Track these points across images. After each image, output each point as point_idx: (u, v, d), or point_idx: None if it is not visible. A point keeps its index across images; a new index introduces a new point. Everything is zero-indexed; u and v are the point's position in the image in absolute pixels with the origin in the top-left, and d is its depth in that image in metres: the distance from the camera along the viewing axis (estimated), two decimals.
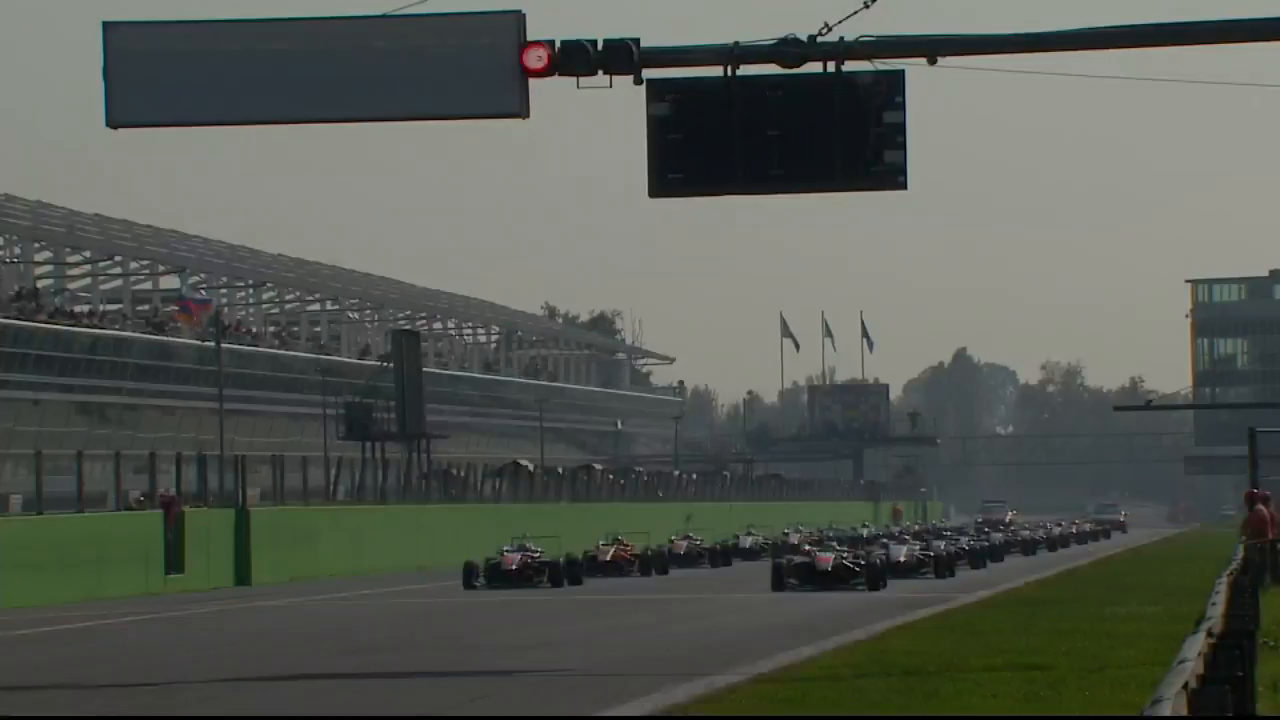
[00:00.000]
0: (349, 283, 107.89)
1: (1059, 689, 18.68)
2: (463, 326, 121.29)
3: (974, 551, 57.72)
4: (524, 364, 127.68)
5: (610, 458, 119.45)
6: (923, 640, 25.89)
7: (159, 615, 36.15)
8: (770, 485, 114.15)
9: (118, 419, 73.83)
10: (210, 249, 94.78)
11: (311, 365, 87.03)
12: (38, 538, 45.19)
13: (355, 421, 74.43)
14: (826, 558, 44.02)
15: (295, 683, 22.30)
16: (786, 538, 70.87)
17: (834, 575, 42.93)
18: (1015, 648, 23.97)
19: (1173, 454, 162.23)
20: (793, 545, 62.24)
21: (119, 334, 75.53)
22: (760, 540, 69.55)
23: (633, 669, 23.24)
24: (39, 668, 25.58)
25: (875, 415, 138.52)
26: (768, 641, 27.07)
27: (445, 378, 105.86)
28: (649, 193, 21.56)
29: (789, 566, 44.33)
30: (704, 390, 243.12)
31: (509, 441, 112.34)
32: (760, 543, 69.20)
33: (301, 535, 57.02)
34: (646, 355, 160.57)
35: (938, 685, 19.25)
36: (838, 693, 18.77)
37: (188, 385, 77.62)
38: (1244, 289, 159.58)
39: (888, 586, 42.69)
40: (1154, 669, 19.40)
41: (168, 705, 19.60)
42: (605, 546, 54.24)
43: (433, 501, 68.77)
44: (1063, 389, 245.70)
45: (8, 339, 67.32)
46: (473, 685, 21.42)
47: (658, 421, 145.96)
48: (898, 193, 21.34)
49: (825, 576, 42.79)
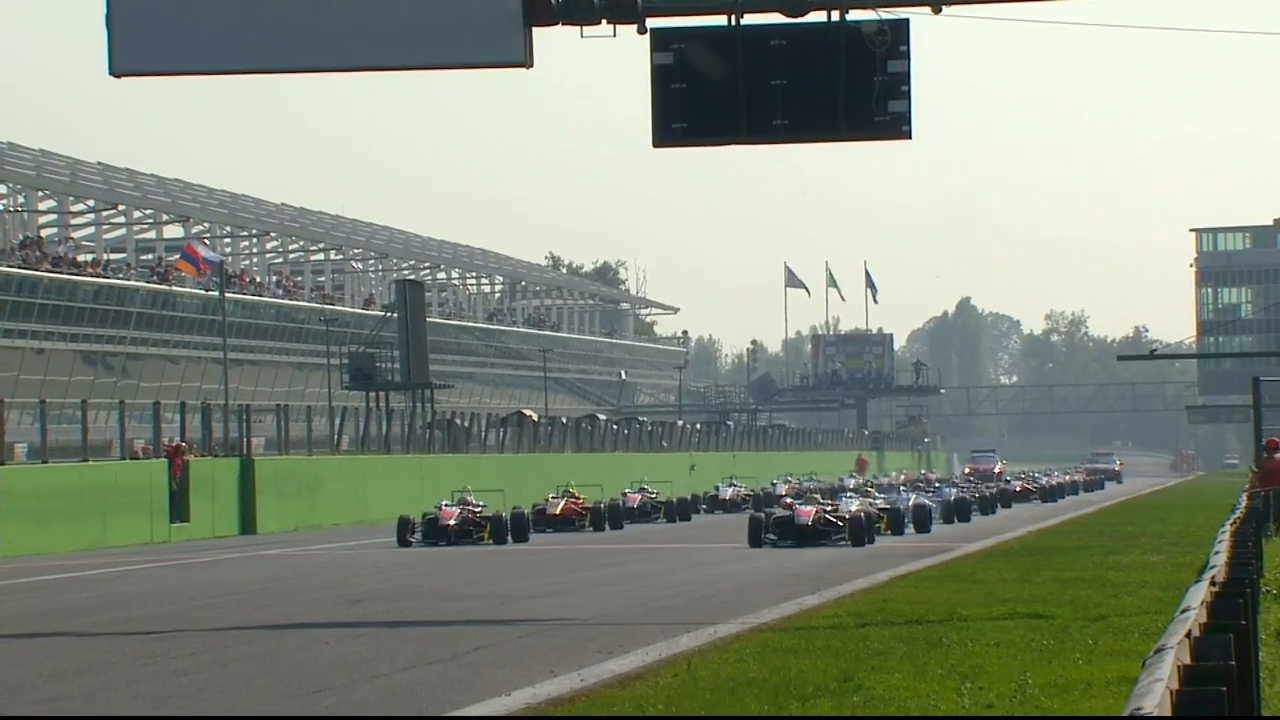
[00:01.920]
0: (353, 232, 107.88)
1: (1062, 638, 18.76)
2: (466, 277, 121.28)
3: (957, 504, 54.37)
4: (528, 314, 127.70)
5: (614, 407, 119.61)
6: (925, 589, 25.98)
7: (164, 563, 36.28)
8: (774, 435, 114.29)
9: (122, 368, 73.94)
10: (214, 198, 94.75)
11: (315, 315, 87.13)
12: (43, 486, 45.33)
13: (359, 371, 74.56)
14: (807, 511, 40.52)
15: (298, 631, 22.39)
16: (773, 488, 68.40)
17: (814, 530, 39.79)
18: (1018, 596, 24.06)
19: (1176, 403, 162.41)
20: (779, 497, 58.15)
21: (123, 283, 75.58)
22: (742, 491, 67.46)
23: (638, 618, 23.32)
24: (43, 615, 25.69)
25: (879, 365, 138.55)
26: (773, 591, 27.17)
27: (449, 328, 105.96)
28: (653, 143, 21.56)
29: (767, 520, 40.94)
30: (708, 340, 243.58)
31: (513, 391, 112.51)
32: (742, 494, 67.02)
33: (306, 484, 57.19)
34: (650, 305, 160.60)
35: (941, 634, 19.33)
36: (841, 641, 18.85)
37: (192, 335, 77.71)
38: (1248, 238, 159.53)
39: (874, 541, 40.18)
40: (1157, 618, 19.50)
41: (172, 651, 19.70)
42: (555, 499, 51.19)
43: (436, 451, 68.92)
44: (1067, 338, 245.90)
45: (12, 288, 67.38)
46: (476, 635, 21.50)
47: (661, 371, 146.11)
48: (902, 142, 21.33)
49: (804, 531, 39.69)
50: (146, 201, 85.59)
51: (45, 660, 19.58)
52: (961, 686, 15.00)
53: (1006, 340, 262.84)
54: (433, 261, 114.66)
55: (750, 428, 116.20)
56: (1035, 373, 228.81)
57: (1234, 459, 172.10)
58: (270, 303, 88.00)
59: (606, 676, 16.69)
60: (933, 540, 42.38)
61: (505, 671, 17.43)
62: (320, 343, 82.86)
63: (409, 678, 17.22)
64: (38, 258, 70.68)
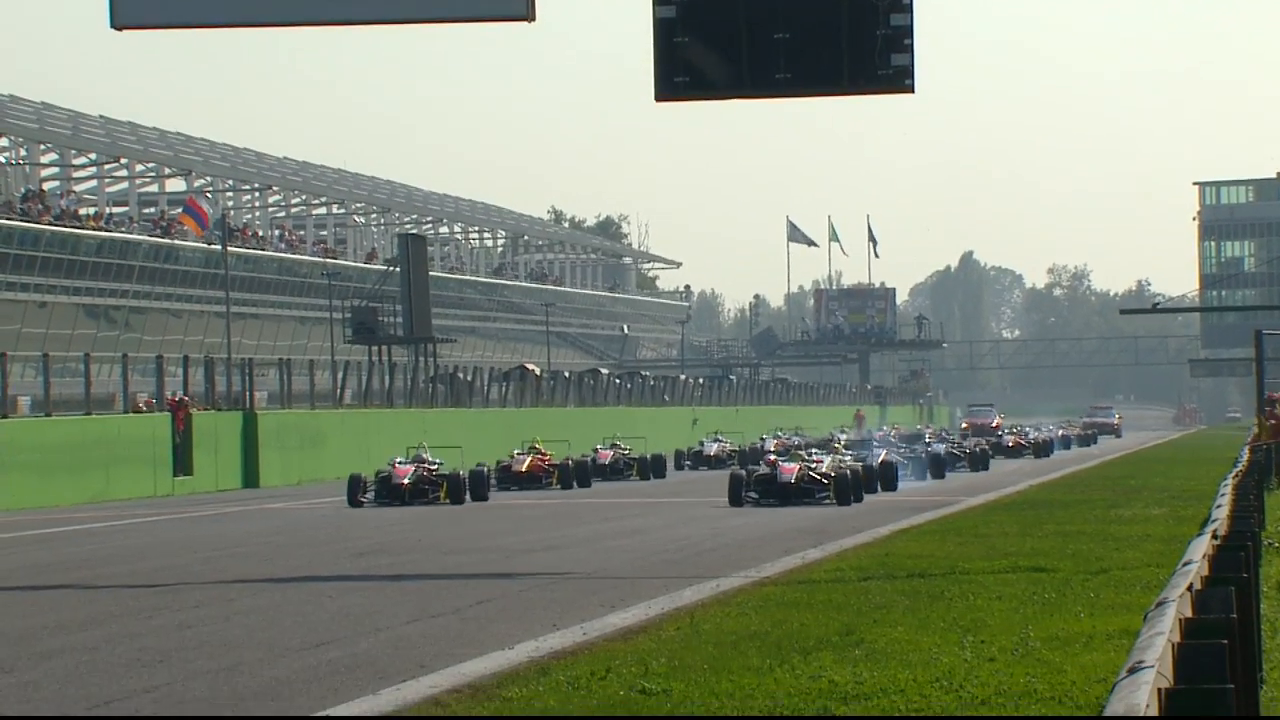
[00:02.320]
0: (355, 187, 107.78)
1: (1063, 591, 18.82)
2: (469, 231, 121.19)
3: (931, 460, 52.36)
4: (530, 268, 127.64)
5: (616, 362, 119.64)
6: (927, 543, 26.05)
7: (167, 517, 36.36)
8: (776, 389, 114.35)
9: (124, 322, 73.97)
10: (216, 152, 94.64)
11: (318, 269, 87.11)
12: (46, 439, 45.41)
13: (362, 325, 74.60)
14: (791, 468, 38.37)
15: (302, 584, 22.46)
16: (762, 444, 64.55)
17: (797, 488, 37.78)
18: (1020, 550, 24.12)
19: (1179, 357, 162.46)
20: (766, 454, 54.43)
21: (125, 236, 75.54)
22: (728, 447, 64.56)
23: (639, 572, 23.39)
24: (47, 568, 25.77)
25: (881, 319, 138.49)
26: (775, 545, 27.24)
27: (452, 282, 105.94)
28: (655, 96, 21.52)
29: (749, 477, 38.83)
30: (710, 294, 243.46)
31: (515, 345, 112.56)
32: (728, 450, 64.03)
33: (309, 438, 57.29)
34: (653, 259, 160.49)
35: (943, 587, 19.40)
36: (843, 594, 18.91)
37: (194, 288, 77.74)
38: (1251, 191, 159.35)
39: (863, 500, 38.24)
40: (1159, 571, 19.56)
41: (176, 604, 19.76)
42: (520, 456, 49.10)
43: (439, 405, 69.00)
44: (1069, 292, 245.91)
45: (14, 241, 67.35)
46: (479, 588, 21.56)
47: (664, 326, 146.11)
48: (905, 96, 21.30)
49: (787, 490, 37.70)
50: (149, 155, 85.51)
51: (49, 612, 19.65)
52: (963, 639, 15.05)
53: (1009, 294, 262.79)
54: (435, 216, 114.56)
55: (753, 382, 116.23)
56: (1038, 327, 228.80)
57: (1236, 413, 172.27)
58: (273, 256, 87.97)
59: (609, 630, 16.75)
60: (931, 494, 42.42)
61: (508, 625, 17.49)
62: (322, 297, 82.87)
63: (412, 631, 17.28)
64: (40, 211, 70.63)
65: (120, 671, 14.87)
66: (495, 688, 13.22)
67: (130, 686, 14.01)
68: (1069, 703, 11.93)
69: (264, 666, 15.02)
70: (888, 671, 13.39)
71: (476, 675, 13.98)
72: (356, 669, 14.76)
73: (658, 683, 13.07)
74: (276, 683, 14.10)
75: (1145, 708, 6.92)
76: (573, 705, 12.27)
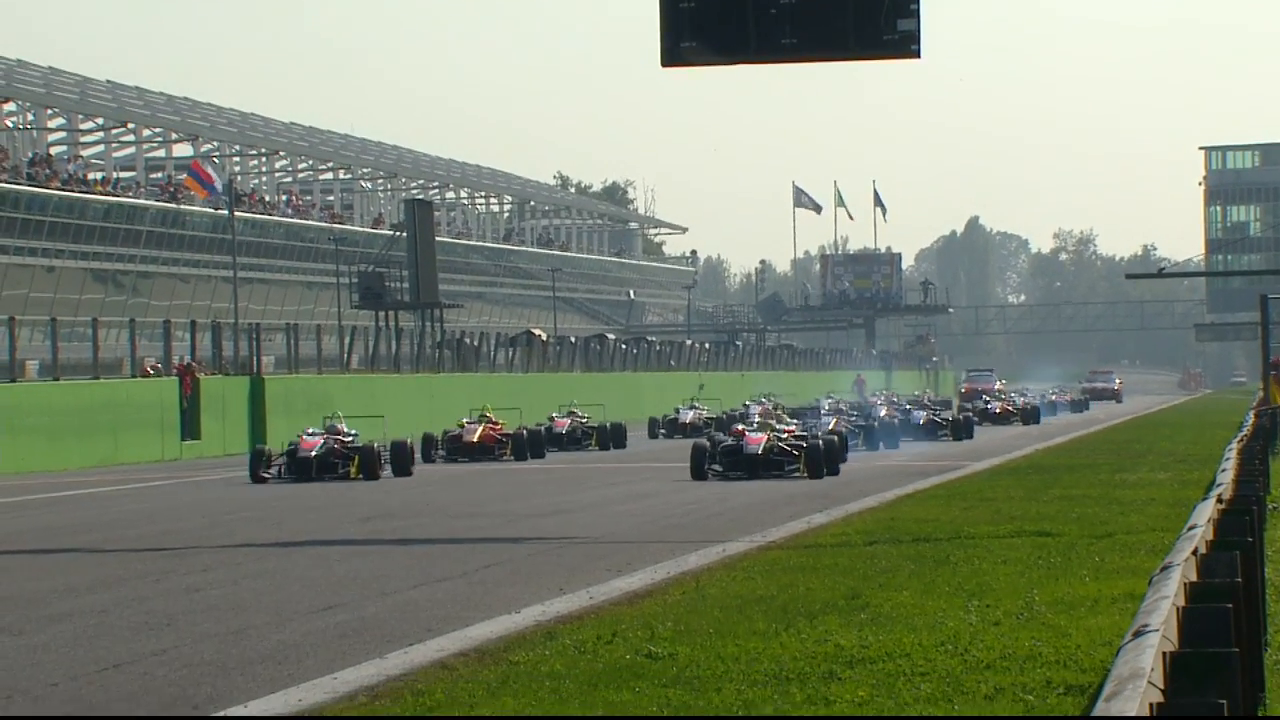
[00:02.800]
0: (362, 152, 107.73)
1: (1069, 555, 18.88)
2: (475, 196, 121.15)
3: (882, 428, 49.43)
4: (536, 234, 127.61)
5: (623, 327, 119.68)
6: (933, 508, 26.11)
7: (175, 480, 36.44)
8: (783, 354, 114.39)
9: (132, 286, 74.07)
10: (223, 116, 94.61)
11: (325, 234, 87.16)
12: (54, 403, 45.53)
13: (368, 290, 74.66)
14: (758, 438, 35.39)
15: (308, 548, 22.54)
16: (746, 409, 58.47)
17: (764, 460, 34.90)
18: (1025, 514, 24.17)
19: (1184, 321, 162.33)
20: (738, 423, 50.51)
21: (132, 201, 75.57)
22: (704, 414, 60.43)
23: (645, 537, 23.47)
24: (56, 531, 25.85)
25: (887, 284, 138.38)
26: (782, 510, 27.31)
27: (458, 247, 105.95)
28: (661, 62, 21.54)
29: (714, 448, 35.78)
30: (716, 260, 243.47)
31: (522, 311, 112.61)
32: (704, 417, 59.85)
33: (316, 402, 57.32)
34: (659, 225, 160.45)
35: (949, 551, 19.46)
36: (849, 559, 18.97)
37: (202, 253, 77.80)
38: (1257, 155, 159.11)
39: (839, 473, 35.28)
40: (1164, 535, 19.61)
41: (184, 568, 19.84)
42: (471, 424, 46.04)
43: (446, 370, 69.07)
44: (1075, 257, 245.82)
45: (22, 206, 67.40)
46: (485, 552, 21.63)
47: (670, 291, 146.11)
48: (911, 61, 21.30)
49: (755, 461, 34.81)
50: (156, 120, 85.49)
51: (59, 575, 19.73)
52: (969, 604, 15.11)
53: (1015, 259, 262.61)
54: (442, 181, 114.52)
55: (759, 347, 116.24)
56: (1043, 291, 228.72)
57: (1242, 377, 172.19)
58: (280, 222, 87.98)
59: (615, 594, 16.81)
60: (934, 459, 42.45)
61: (514, 589, 17.56)
62: (329, 262, 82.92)
63: (419, 595, 17.36)
64: (47, 176, 70.66)
65: (129, 635, 14.95)
66: (502, 651, 13.29)
67: (139, 650, 14.08)
68: (1074, 666, 11.99)
69: (272, 630, 15.09)
70: (893, 635, 13.45)
71: (483, 639, 14.05)
72: (364, 632, 14.83)
73: (664, 646, 13.14)
74: (284, 646, 14.17)
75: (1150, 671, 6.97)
76: (579, 669, 12.33)
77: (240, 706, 11.51)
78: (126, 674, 12.96)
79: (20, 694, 12.22)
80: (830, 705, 10.81)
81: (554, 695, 11.37)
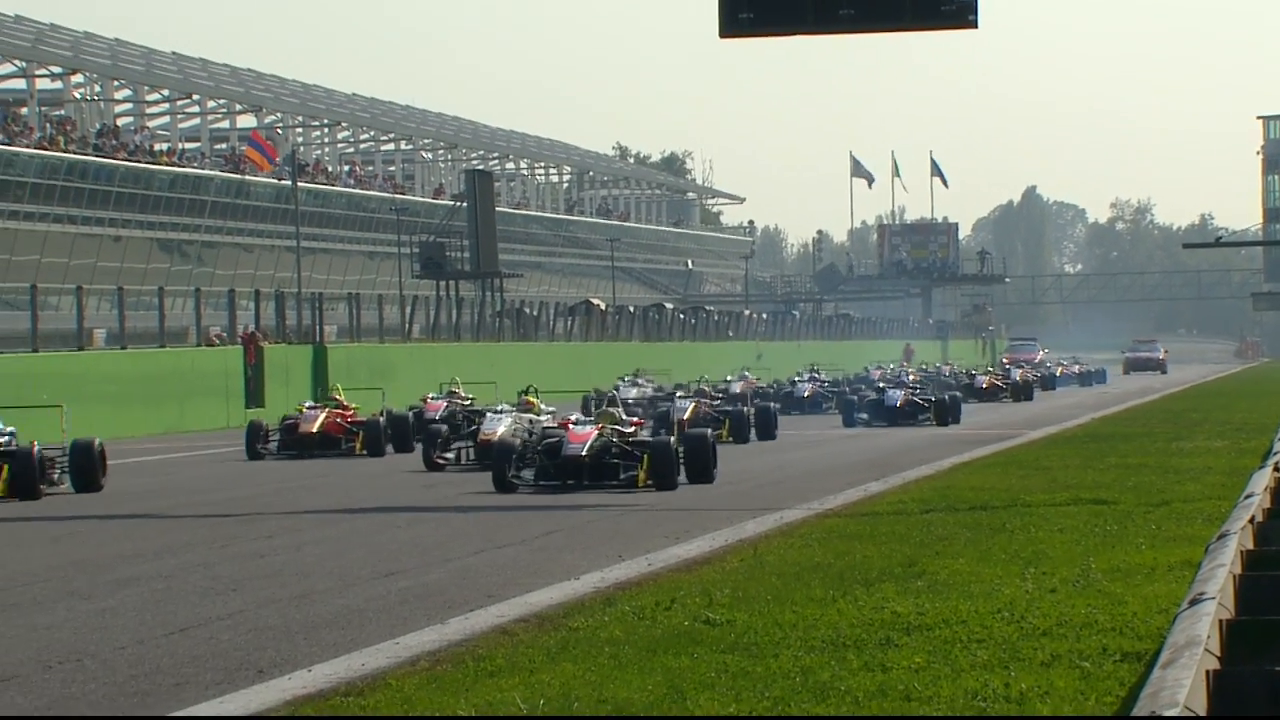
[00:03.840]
0: (423, 122, 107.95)
1: (1125, 523, 18.92)
2: (535, 166, 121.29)
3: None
4: (595, 204, 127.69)
5: (681, 297, 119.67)
6: (989, 476, 26.16)
7: (239, 447, 36.71)
8: (839, 324, 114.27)
9: (197, 256, 74.50)
10: (286, 88, 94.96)
11: (386, 204, 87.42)
12: (122, 372, 45.97)
13: (429, 260, 74.94)
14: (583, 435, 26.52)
15: (372, 515, 22.78)
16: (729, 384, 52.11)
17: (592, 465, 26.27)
18: (1081, 483, 24.20)
19: (1241, 290, 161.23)
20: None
21: (198, 172, 75.98)
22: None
23: (702, 504, 23.62)
24: (122, 497, 26.14)
25: (944, 254, 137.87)
26: (839, 477, 27.41)
27: (518, 217, 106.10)
28: (719, 32, 21.63)
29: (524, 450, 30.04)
30: (773, 230, 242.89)
31: (580, 281, 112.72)
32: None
33: (377, 371, 57.68)
34: (717, 195, 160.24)
35: (1005, 519, 19.53)
36: (905, 527, 19.08)
37: (265, 223, 78.18)
38: None
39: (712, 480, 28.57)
40: (1220, 503, 19.65)
41: (249, 534, 20.10)
42: (311, 410, 37.36)
43: (505, 340, 69.30)
44: (1132, 226, 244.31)
45: (89, 176, 67.86)
46: (545, 519, 21.82)
47: (727, 261, 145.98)
48: (968, 31, 21.35)
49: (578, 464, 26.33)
50: (220, 91, 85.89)
51: (125, 541, 20.02)
52: (1025, 571, 15.19)
53: (1071, 229, 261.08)
54: (501, 152, 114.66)
55: (816, 317, 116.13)
56: (1100, 261, 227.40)
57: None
58: (342, 192, 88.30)
59: (673, 561, 16.97)
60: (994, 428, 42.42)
61: (574, 556, 17.74)
62: (391, 232, 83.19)
63: (479, 561, 17.55)
64: (114, 147, 71.11)
65: (195, 599, 15.19)
66: (561, 617, 13.45)
67: (205, 614, 14.32)
68: (1130, 633, 12.06)
69: (335, 595, 15.31)
70: (950, 603, 13.54)
71: (543, 605, 14.22)
72: (426, 598, 15.03)
73: (721, 613, 13.28)
74: (347, 611, 14.39)
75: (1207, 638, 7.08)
76: (638, 634, 12.49)
77: (304, 671, 11.72)
78: (192, 638, 13.19)
79: (89, 657, 12.46)
80: (887, 672, 10.94)
81: (613, 661, 11.53)
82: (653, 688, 10.60)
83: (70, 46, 76.52)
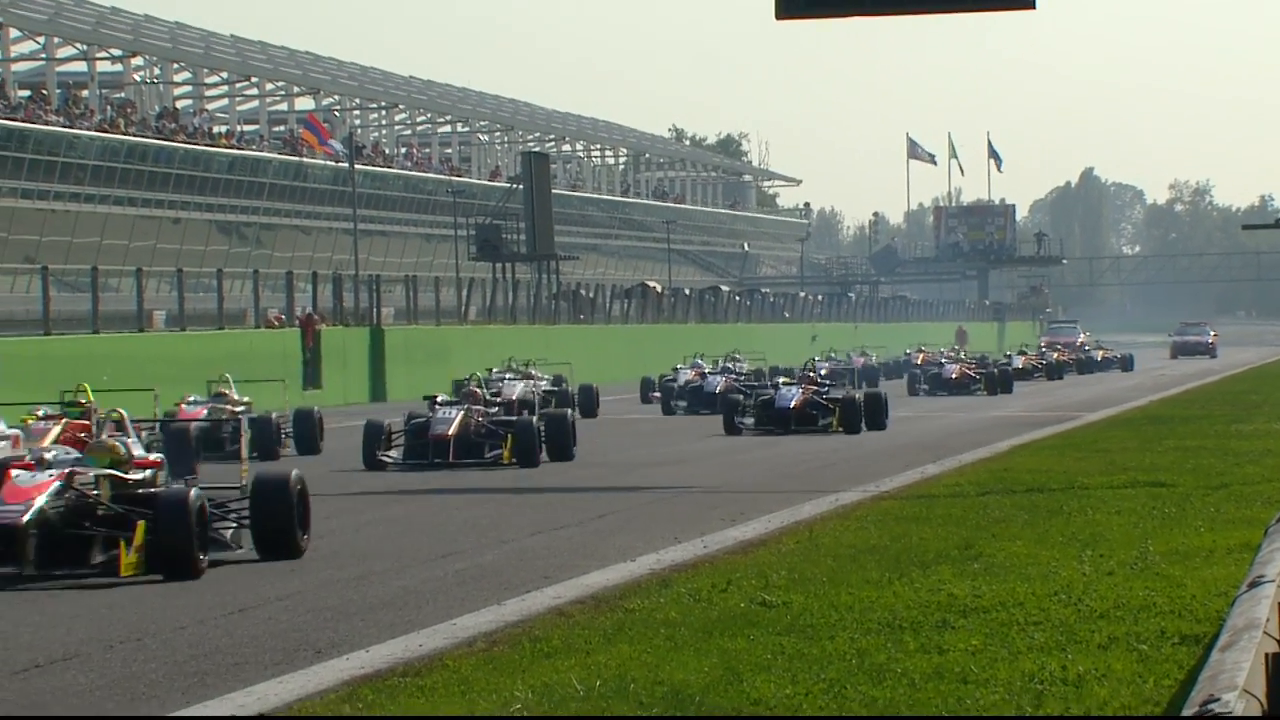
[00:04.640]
0: (479, 105, 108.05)
1: (1183, 506, 18.84)
2: (591, 149, 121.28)
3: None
4: (651, 186, 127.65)
5: (736, 279, 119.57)
6: (1046, 458, 26.09)
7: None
8: (896, 306, 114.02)
9: (255, 238, 74.75)
10: (343, 71, 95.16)
11: (443, 187, 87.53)
12: (181, 353, 46.22)
13: (486, 242, 75.02)
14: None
15: (430, 496, 22.87)
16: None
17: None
18: (1139, 465, 24.11)
19: None
20: None
21: (256, 154, 76.23)
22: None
23: (759, 486, 23.64)
24: None
25: (1001, 236, 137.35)
26: (896, 459, 27.38)
27: (574, 199, 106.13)
28: (776, 14, 21.59)
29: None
30: (830, 212, 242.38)
31: (636, 263, 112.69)
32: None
33: (434, 353, 57.85)
34: (773, 177, 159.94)
35: (1062, 502, 19.48)
36: (962, 509, 19.04)
37: (323, 206, 78.39)
38: None
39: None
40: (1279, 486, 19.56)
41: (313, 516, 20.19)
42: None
43: (562, 322, 69.36)
44: (1190, 208, 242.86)
45: (149, 159, 68.15)
46: (600, 501, 21.86)
47: (783, 243, 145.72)
48: (1026, 11, 21.27)
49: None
50: (278, 74, 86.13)
51: None
52: (1082, 554, 15.14)
53: (1129, 210, 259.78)
54: (558, 134, 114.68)
55: (872, 299, 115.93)
56: (1158, 242, 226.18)
57: None
58: (399, 174, 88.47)
59: (729, 543, 16.99)
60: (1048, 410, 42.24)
61: (629, 537, 17.77)
62: (447, 214, 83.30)
63: (535, 543, 17.61)
64: (173, 129, 71.40)
65: (254, 579, 15.29)
66: (618, 599, 13.47)
67: (264, 594, 14.41)
68: (1188, 616, 12.01)
69: (392, 576, 15.38)
70: (1006, 585, 13.51)
71: (600, 586, 14.25)
72: (482, 579, 15.09)
73: (778, 595, 13.28)
74: (405, 592, 14.45)
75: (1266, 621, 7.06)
76: (694, 616, 12.51)
77: (362, 651, 11.77)
78: (251, 618, 13.27)
79: (149, 637, 12.55)
80: (944, 654, 10.93)
81: (669, 642, 11.55)
82: (709, 669, 10.61)
83: (130, 30, 76.84)
